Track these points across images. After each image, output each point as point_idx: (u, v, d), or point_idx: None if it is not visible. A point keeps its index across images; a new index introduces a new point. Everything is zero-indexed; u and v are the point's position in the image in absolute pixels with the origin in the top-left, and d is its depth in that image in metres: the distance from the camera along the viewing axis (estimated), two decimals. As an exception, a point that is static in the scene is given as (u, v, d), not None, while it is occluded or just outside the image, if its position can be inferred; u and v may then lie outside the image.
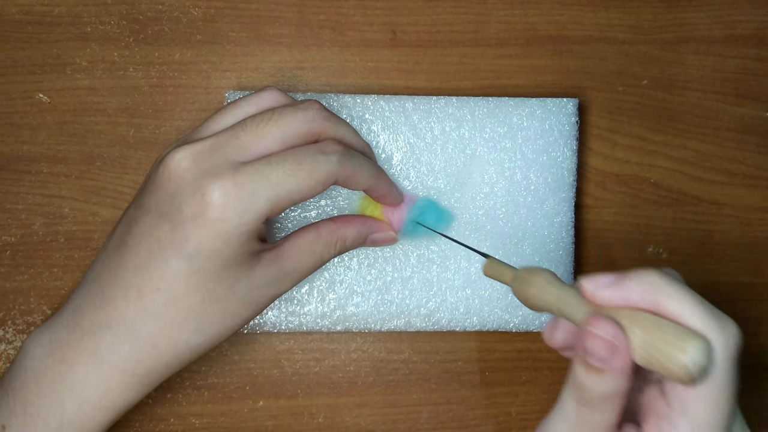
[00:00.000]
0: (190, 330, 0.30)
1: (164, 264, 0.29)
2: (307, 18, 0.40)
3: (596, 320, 0.24)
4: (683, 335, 0.23)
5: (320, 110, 0.31)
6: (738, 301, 0.42)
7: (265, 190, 0.29)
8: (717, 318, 0.23)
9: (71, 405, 0.29)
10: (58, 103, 0.39)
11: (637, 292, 0.24)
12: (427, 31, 0.40)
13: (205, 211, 0.28)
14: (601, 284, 0.25)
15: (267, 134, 0.30)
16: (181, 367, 0.31)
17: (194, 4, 0.39)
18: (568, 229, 0.39)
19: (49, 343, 0.30)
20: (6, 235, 0.38)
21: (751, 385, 0.42)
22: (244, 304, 0.30)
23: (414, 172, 0.38)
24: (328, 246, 0.33)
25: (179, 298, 0.29)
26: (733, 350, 0.23)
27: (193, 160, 0.29)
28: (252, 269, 0.30)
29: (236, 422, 0.39)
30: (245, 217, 0.28)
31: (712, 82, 0.41)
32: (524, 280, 0.28)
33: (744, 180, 0.42)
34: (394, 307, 0.38)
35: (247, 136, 0.29)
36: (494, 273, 0.31)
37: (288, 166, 0.29)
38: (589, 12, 0.41)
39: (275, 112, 0.30)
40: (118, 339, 0.29)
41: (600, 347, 0.24)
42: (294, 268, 0.32)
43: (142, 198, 0.30)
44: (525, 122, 0.38)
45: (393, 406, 0.40)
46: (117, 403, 0.30)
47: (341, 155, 0.30)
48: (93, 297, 0.30)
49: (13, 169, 0.39)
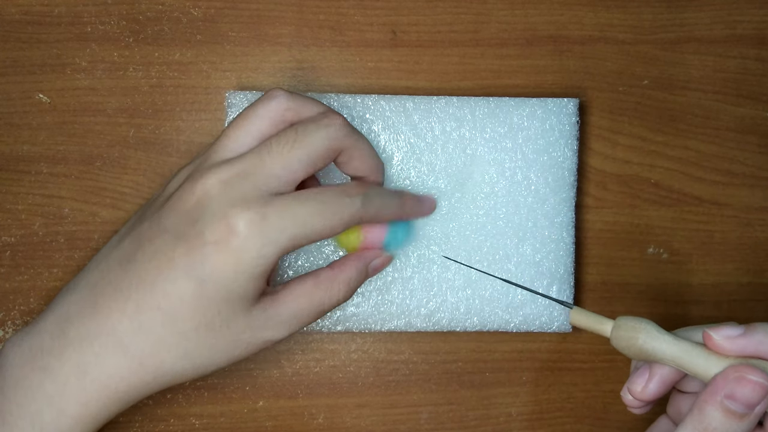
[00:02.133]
0: (178, 355, 0.29)
1: (171, 284, 0.28)
2: (307, 18, 0.40)
3: (746, 368, 0.26)
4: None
5: (341, 126, 0.31)
6: (739, 301, 0.42)
7: (290, 226, 0.29)
8: None
9: (50, 416, 0.28)
10: (58, 103, 0.39)
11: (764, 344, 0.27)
12: (427, 31, 0.40)
13: (228, 238, 0.28)
14: (732, 335, 0.27)
15: (294, 159, 0.30)
16: (159, 390, 0.30)
17: (194, 4, 0.39)
18: (569, 229, 0.39)
19: (29, 349, 0.29)
20: (6, 236, 0.38)
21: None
22: (235, 342, 0.30)
23: (414, 172, 0.38)
24: (329, 292, 0.32)
25: (177, 321, 0.29)
26: None
27: (222, 187, 0.29)
28: (250, 309, 0.30)
29: (236, 423, 0.39)
30: (265, 250, 0.29)
31: (713, 82, 0.41)
32: (631, 329, 0.29)
33: (745, 180, 0.42)
34: (394, 307, 0.38)
35: (274, 163, 0.30)
36: (586, 323, 0.31)
37: (315, 206, 0.30)
38: (589, 12, 0.41)
39: (298, 133, 0.30)
40: (105, 351, 0.29)
41: (753, 392, 0.26)
42: (292, 315, 0.31)
43: (161, 218, 0.30)
44: (525, 122, 0.38)
45: (393, 407, 0.40)
46: (96, 417, 0.29)
47: (364, 197, 0.31)
48: (83, 305, 0.29)
49: (13, 169, 0.38)
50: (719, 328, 0.27)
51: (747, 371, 0.26)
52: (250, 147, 0.31)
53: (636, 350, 0.29)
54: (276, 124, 0.31)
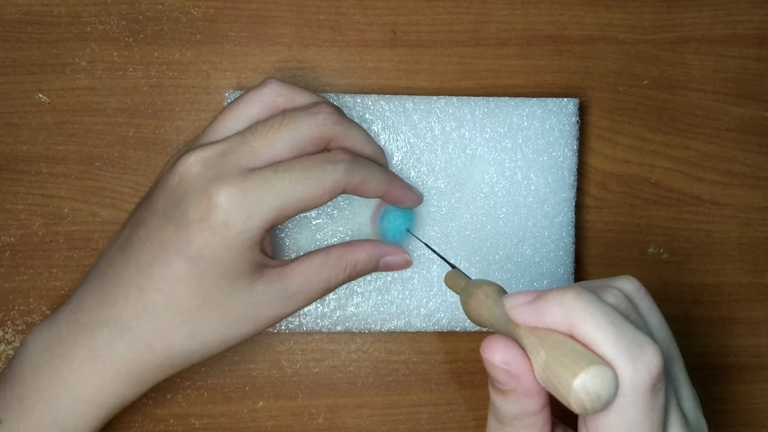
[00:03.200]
0: (185, 335, 0.30)
1: (166, 265, 0.29)
2: (307, 18, 0.40)
3: (489, 343, 0.23)
4: (580, 359, 0.20)
5: (331, 114, 0.31)
6: (739, 301, 0.41)
7: (270, 198, 0.29)
8: (630, 344, 0.21)
9: (66, 400, 0.29)
10: (58, 103, 0.39)
11: (552, 313, 0.22)
12: (427, 31, 0.40)
13: (210, 215, 0.28)
14: (519, 304, 0.23)
15: (277, 140, 0.30)
16: (173, 372, 0.31)
17: (194, 4, 0.39)
18: (569, 229, 0.39)
19: (48, 339, 0.30)
20: (5, 236, 0.38)
21: (751, 385, 0.42)
22: (241, 318, 0.30)
23: (414, 172, 0.38)
24: (336, 269, 0.33)
25: (179, 300, 0.29)
26: (647, 382, 0.21)
27: (203, 164, 0.29)
28: (253, 283, 0.30)
29: (236, 423, 0.39)
30: (249, 223, 0.29)
31: (713, 82, 0.41)
32: (468, 294, 0.27)
33: (745, 180, 0.41)
34: (394, 307, 0.38)
35: (257, 142, 0.29)
36: (451, 284, 0.29)
37: (295, 174, 0.29)
38: (589, 12, 0.41)
39: (285, 117, 0.30)
40: (115, 335, 0.29)
41: (495, 372, 0.23)
42: (299, 289, 0.31)
43: (151, 200, 0.30)
44: (525, 122, 0.38)
45: (393, 407, 0.40)
46: (110, 400, 0.30)
47: (349, 164, 0.30)
48: (94, 294, 0.30)
49: (13, 169, 0.38)
50: (514, 295, 0.24)
51: (485, 347, 0.23)
52: (238, 131, 0.31)
53: (470, 316, 0.27)
54: (267, 110, 0.31)
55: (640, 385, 0.21)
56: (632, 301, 0.24)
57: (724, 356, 0.42)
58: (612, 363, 0.21)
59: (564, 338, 0.22)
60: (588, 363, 0.20)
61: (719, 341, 0.42)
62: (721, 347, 0.41)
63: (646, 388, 0.21)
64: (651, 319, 0.25)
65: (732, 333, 0.41)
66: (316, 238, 0.37)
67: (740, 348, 0.42)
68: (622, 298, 0.23)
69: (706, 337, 0.41)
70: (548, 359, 0.21)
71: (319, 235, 0.37)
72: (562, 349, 0.21)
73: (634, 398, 0.21)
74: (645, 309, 0.25)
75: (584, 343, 0.21)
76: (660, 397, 0.21)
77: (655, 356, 0.21)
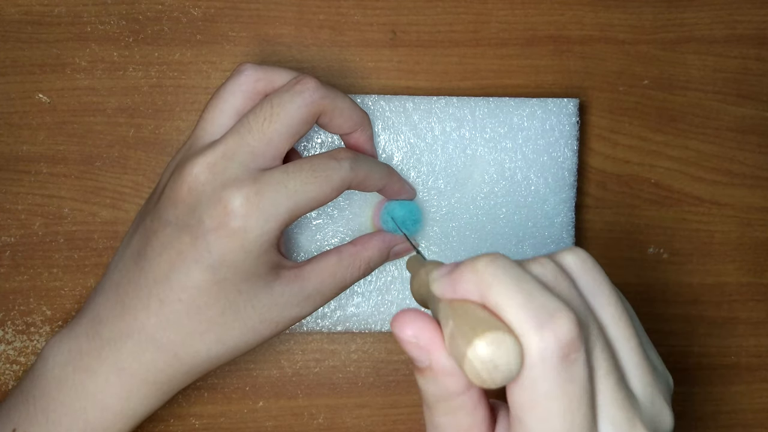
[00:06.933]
0: (211, 341, 0.30)
1: (186, 276, 0.29)
2: (307, 18, 0.40)
3: (399, 317, 0.21)
4: (479, 327, 0.19)
5: (316, 89, 0.30)
6: (739, 301, 0.41)
7: (284, 199, 0.29)
8: (538, 311, 0.19)
9: (93, 412, 0.29)
10: (58, 103, 0.39)
11: (465, 281, 0.21)
12: (427, 31, 0.40)
13: (227, 221, 0.28)
14: (440, 275, 0.22)
15: (274, 133, 0.30)
16: (199, 376, 0.31)
17: (194, 4, 0.39)
18: (569, 229, 0.39)
19: (69, 351, 0.30)
20: (5, 236, 0.38)
21: (752, 385, 0.42)
22: (263, 321, 0.31)
23: (414, 173, 0.38)
24: (350, 269, 0.33)
25: (201, 309, 0.29)
26: (556, 351, 0.19)
27: (209, 171, 0.29)
28: (271, 284, 0.30)
29: (236, 423, 0.39)
30: (267, 226, 0.29)
31: (713, 82, 0.41)
32: (414, 275, 0.25)
33: (745, 180, 0.41)
34: (394, 307, 0.38)
35: (255, 141, 0.29)
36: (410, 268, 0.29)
37: (305, 174, 0.30)
38: (589, 12, 0.41)
39: (273, 104, 0.30)
40: (140, 348, 0.29)
41: (407, 347, 0.21)
42: (316, 290, 0.32)
43: (160, 211, 0.30)
44: (525, 122, 0.38)
45: (393, 407, 0.40)
46: (138, 410, 0.30)
47: (352, 161, 0.31)
48: (112, 306, 0.30)
49: (13, 169, 0.38)
50: (439, 267, 0.22)
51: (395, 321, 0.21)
52: (228, 126, 0.31)
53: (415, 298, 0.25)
54: (250, 97, 0.31)
55: (548, 355, 0.19)
56: (571, 274, 0.22)
57: (724, 356, 0.42)
58: (517, 331, 0.19)
59: (474, 307, 0.20)
60: (484, 330, 0.18)
61: (719, 341, 0.42)
62: (721, 347, 0.41)
63: (555, 357, 0.19)
64: (595, 292, 0.23)
65: (732, 333, 0.41)
66: (316, 238, 0.37)
67: (740, 348, 0.42)
68: (551, 268, 0.22)
69: (706, 337, 0.41)
70: (453, 329, 0.20)
71: (320, 235, 0.37)
72: (466, 317, 0.20)
73: (543, 369, 0.19)
74: (588, 282, 0.23)
75: (493, 311, 0.20)
76: (578, 369, 0.20)
77: (566, 323, 0.19)
